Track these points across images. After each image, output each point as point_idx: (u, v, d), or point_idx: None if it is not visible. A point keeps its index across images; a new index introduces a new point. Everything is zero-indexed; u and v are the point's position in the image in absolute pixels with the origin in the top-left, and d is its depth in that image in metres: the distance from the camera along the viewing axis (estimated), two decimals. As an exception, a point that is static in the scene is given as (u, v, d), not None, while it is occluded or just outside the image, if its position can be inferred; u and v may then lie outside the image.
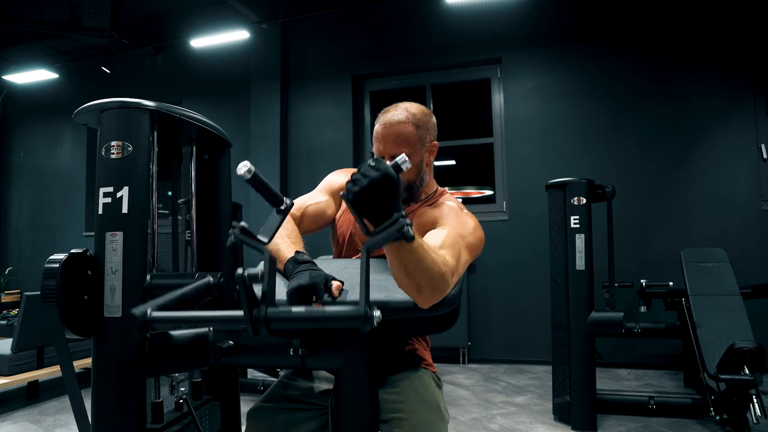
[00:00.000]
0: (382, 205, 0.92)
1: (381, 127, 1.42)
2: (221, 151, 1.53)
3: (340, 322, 0.88)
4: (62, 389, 3.84)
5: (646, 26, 4.61)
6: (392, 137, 1.40)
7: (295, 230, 1.37)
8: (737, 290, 3.20)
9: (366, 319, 0.82)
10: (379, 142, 1.42)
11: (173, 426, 1.24)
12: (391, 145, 1.40)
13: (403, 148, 1.39)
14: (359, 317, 0.82)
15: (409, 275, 1.02)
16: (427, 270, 1.02)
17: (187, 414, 1.29)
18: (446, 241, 1.19)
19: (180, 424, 1.26)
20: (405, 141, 1.40)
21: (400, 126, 1.40)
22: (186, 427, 1.28)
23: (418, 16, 5.25)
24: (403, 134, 1.39)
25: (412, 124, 1.40)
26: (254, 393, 3.61)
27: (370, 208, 0.92)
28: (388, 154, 1.40)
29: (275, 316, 0.87)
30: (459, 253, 1.20)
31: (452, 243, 1.21)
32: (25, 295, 3.40)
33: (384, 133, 1.40)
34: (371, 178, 0.91)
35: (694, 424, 2.97)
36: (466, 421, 3.14)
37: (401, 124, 1.40)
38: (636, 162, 4.57)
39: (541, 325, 4.31)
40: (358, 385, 1.14)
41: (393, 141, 1.40)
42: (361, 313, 0.82)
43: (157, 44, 6.15)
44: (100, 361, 1.11)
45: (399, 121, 1.40)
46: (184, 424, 1.27)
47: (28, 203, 6.94)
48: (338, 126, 5.47)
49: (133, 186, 1.13)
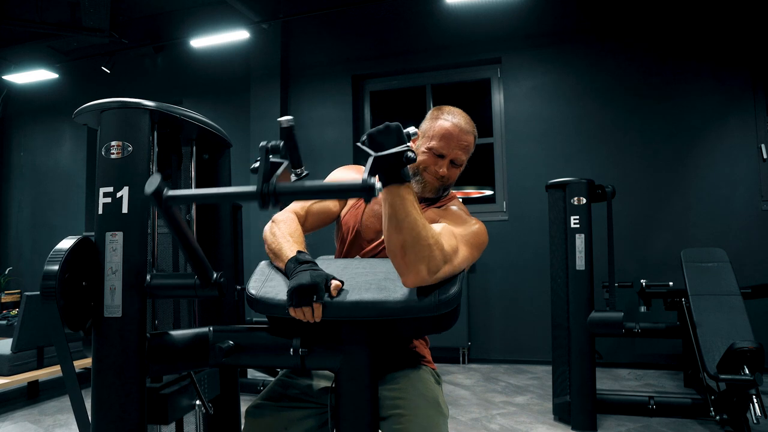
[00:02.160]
0: (392, 142, 1.07)
1: (453, 128, 1.42)
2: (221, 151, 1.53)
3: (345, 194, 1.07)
4: (62, 389, 3.84)
5: (646, 26, 4.61)
6: (461, 143, 1.43)
7: (298, 229, 1.38)
8: (737, 290, 3.20)
9: (369, 188, 0.88)
10: (446, 141, 1.42)
11: (172, 386, 1.25)
12: (458, 150, 1.43)
13: (465, 156, 1.46)
14: (363, 187, 0.89)
15: (398, 227, 1.09)
16: (416, 231, 1.09)
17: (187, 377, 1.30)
18: (442, 231, 1.21)
19: (179, 385, 1.27)
20: (468, 150, 1.46)
21: (469, 136, 1.44)
22: (185, 389, 1.28)
23: (418, 16, 5.25)
24: (470, 144, 1.46)
25: (474, 135, 1.47)
26: (254, 393, 3.60)
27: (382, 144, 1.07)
28: (451, 156, 1.43)
29: (283, 189, 0.91)
30: (456, 246, 1.20)
31: (448, 233, 1.22)
32: (25, 295, 3.40)
33: (456, 136, 1.42)
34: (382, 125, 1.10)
35: (694, 424, 2.97)
36: (466, 421, 3.14)
37: (470, 134, 1.45)
38: (636, 162, 4.57)
39: (541, 325, 4.31)
40: (358, 384, 1.14)
41: (460, 147, 1.43)
42: (365, 184, 0.89)
43: (157, 44, 6.15)
44: (100, 361, 1.10)
45: (470, 130, 1.45)
46: (182, 386, 1.27)
47: (28, 203, 6.94)
48: (338, 126, 5.47)
49: (133, 186, 1.13)
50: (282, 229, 1.33)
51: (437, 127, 1.43)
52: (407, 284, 1.11)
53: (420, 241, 1.09)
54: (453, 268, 1.17)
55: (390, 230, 1.10)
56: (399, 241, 1.09)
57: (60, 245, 1.07)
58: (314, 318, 1.11)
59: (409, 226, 1.08)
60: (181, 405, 1.27)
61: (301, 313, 1.11)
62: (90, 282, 1.11)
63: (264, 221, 0.97)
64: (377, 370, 1.20)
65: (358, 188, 0.89)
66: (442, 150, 1.42)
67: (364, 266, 1.27)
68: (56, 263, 1.04)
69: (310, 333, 1.17)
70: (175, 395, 1.23)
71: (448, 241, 1.18)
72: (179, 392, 1.25)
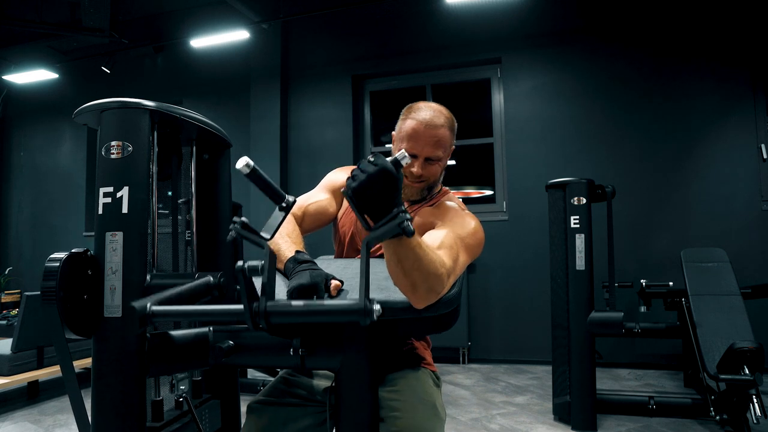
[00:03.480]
0: (382, 200, 0.92)
1: (419, 125, 1.37)
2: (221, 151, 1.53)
3: (340, 316, 0.88)
4: (62, 389, 3.84)
5: (646, 26, 4.62)
6: (432, 139, 1.37)
7: (296, 230, 1.37)
8: (737, 290, 3.20)
9: (366, 312, 0.82)
10: (414, 141, 1.37)
11: (173, 424, 1.24)
12: (428, 147, 1.37)
13: (439, 151, 1.38)
14: (359, 311, 0.82)
15: (406, 273, 1.01)
16: (424, 269, 1.02)
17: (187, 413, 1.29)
18: (445, 242, 1.18)
19: (180, 422, 1.26)
20: (441, 144, 1.38)
21: (439, 130, 1.37)
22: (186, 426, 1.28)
23: (418, 16, 5.25)
24: (442, 138, 1.38)
25: (448, 128, 1.39)
26: (254, 393, 3.61)
27: (369, 203, 0.92)
28: (424, 154, 1.38)
29: (275, 309, 0.86)
30: (457, 255, 1.19)
31: (450, 244, 1.19)
32: (25, 295, 3.40)
33: (424, 133, 1.36)
34: (369, 173, 0.91)
35: (694, 424, 2.97)
36: (466, 421, 3.14)
37: (441, 128, 1.37)
38: (636, 162, 4.57)
39: (541, 325, 4.31)
40: (358, 385, 1.14)
41: (431, 143, 1.37)
42: (360, 307, 0.82)
43: (157, 44, 6.15)
44: (100, 361, 1.10)
45: (439, 124, 1.37)
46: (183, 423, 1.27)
47: (28, 203, 6.94)
48: (338, 126, 5.47)
49: (133, 186, 1.13)
50: (279, 230, 1.33)
51: (405, 127, 1.39)
52: (418, 308, 1.07)
53: (429, 277, 1.03)
54: (456, 277, 1.16)
55: (397, 275, 1.04)
56: (408, 283, 1.03)
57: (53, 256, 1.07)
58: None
59: (417, 269, 1.01)
60: None
61: (301, 313, 1.10)
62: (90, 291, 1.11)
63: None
64: (377, 371, 1.20)
65: (355, 311, 0.81)
66: (412, 150, 1.37)
67: (364, 266, 1.27)
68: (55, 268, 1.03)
69: (310, 333, 1.17)
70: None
71: (451, 255, 1.16)
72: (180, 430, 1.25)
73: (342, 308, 0.87)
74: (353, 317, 0.83)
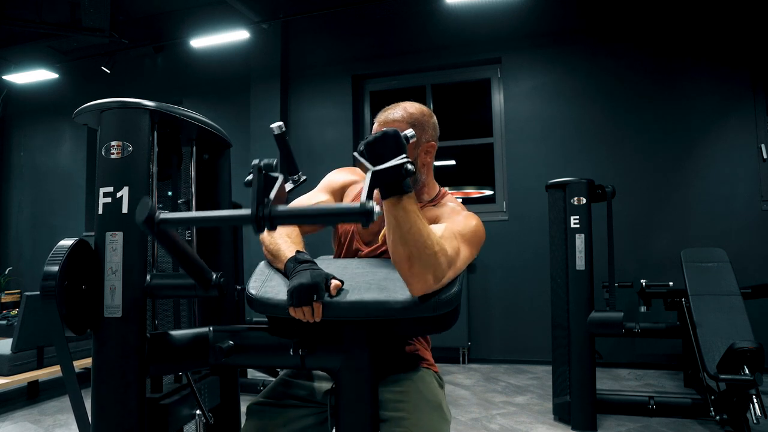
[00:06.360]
0: (390, 151, 1.05)
1: (377, 125, 1.41)
2: (221, 151, 1.53)
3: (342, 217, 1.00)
4: (62, 389, 3.84)
5: (646, 26, 4.61)
6: None
7: (296, 230, 1.37)
8: (737, 290, 3.20)
9: (366, 212, 0.85)
10: None
11: (172, 396, 1.24)
12: None
13: None
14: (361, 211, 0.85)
15: (403, 240, 1.06)
16: (420, 242, 1.07)
17: (187, 386, 1.29)
18: (444, 234, 1.20)
19: (179, 395, 1.27)
20: None
21: (395, 125, 1.37)
22: (185, 399, 1.28)
23: (418, 16, 5.25)
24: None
25: (407, 123, 1.38)
26: (254, 393, 3.60)
27: (379, 154, 1.05)
28: None
29: (278, 213, 0.89)
30: (458, 247, 1.19)
31: (450, 236, 1.20)
32: (25, 295, 3.40)
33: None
34: (378, 134, 1.07)
35: (694, 424, 2.97)
36: (466, 421, 3.14)
37: (396, 122, 1.38)
38: (636, 162, 4.57)
39: (541, 325, 4.31)
40: (358, 385, 1.14)
41: None
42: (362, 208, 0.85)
43: (157, 44, 6.15)
44: (100, 361, 1.10)
45: (395, 119, 1.38)
46: (182, 395, 1.27)
47: (28, 203, 6.94)
48: (338, 126, 5.47)
49: (133, 186, 1.13)
50: (279, 230, 1.33)
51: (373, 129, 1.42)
52: (414, 293, 1.10)
53: (426, 250, 1.07)
54: (456, 271, 1.16)
55: (395, 242, 1.08)
56: (405, 253, 1.07)
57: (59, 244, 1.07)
58: (314, 318, 1.11)
59: (414, 238, 1.06)
60: (181, 415, 1.26)
61: (301, 312, 1.10)
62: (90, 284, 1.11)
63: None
64: (377, 371, 1.20)
65: (356, 212, 0.86)
66: None
67: (364, 266, 1.27)
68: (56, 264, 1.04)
69: (310, 333, 1.17)
70: (175, 405, 1.23)
71: (451, 244, 1.17)
72: (179, 402, 1.25)
73: (343, 210, 0.95)
74: (354, 218, 0.88)
